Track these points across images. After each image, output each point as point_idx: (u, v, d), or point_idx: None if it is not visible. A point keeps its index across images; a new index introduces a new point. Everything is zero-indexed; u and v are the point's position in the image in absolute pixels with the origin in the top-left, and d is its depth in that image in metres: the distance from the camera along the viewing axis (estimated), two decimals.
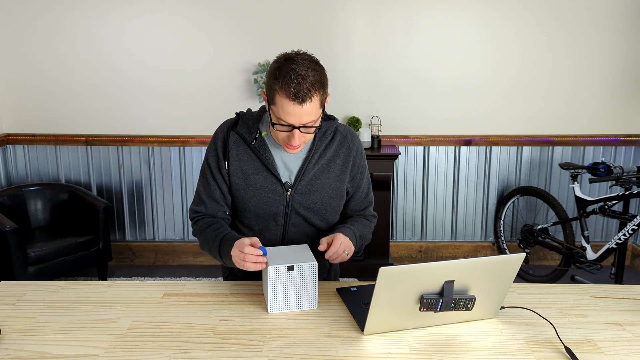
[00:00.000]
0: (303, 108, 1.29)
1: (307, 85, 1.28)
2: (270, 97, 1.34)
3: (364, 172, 1.58)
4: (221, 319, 1.27)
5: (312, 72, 1.30)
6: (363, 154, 1.57)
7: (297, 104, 1.28)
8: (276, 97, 1.31)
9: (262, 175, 1.46)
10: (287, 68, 1.29)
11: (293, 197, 1.48)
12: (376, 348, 1.14)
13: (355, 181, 1.56)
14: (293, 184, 1.48)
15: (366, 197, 1.61)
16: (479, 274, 1.17)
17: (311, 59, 1.34)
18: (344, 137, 1.53)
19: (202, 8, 3.25)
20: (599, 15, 3.24)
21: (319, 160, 1.48)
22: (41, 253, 2.84)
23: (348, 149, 1.52)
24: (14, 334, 1.20)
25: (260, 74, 3.23)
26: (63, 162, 3.48)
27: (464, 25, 3.28)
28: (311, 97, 1.29)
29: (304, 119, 1.31)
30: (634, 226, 2.72)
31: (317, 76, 1.31)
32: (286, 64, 1.30)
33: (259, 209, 1.49)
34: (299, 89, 1.27)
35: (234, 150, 1.48)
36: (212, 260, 3.60)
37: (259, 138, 1.47)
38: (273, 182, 1.47)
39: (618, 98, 3.37)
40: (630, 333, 1.21)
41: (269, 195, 1.47)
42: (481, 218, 3.57)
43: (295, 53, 1.34)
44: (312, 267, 1.29)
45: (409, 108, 3.39)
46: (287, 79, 1.27)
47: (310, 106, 1.30)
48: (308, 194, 1.48)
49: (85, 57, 3.32)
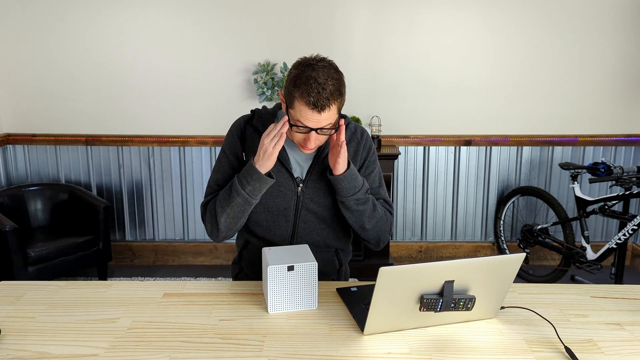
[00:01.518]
0: (322, 115, 1.32)
1: (326, 94, 1.30)
2: (288, 101, 1.36)
3: (374, 168, 1.58)
4: (221, 319, 1.27)
5: (331, 81, 1.31)
6: (373, 150, 1.58)
7: (316, 112, 1.31)
8: (295, 103, 1.33)
9: (275, 168, 1.47)
10: (307, 75, 1.31)
11: (304, 192, 1.50)
12: (376, 348, 1.14)
13: (364, 175, 1.55)
14: (304, 179, 1.50)
15: (377, 192, 1.58)
16: (479, 274, 1.17)
17: (331, 65, 1.35)
18: (353, 134, 1.55)
19: (202, 8, 3.25)
20: (599, 15, 3.24)
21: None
22: (41, 253, 2.84)
23: (357, 144, 1.54)
24: (14, 334, 1.20)
25: (260, 74, 3.23)
26: (63, 162, 3.48)
27: (464, 25, 3.28)
28: (330, 105, 1.31)
29: (322, 124, 1.34)
30: (634, 226, 2.72)
31: (336, 85, 1.33)
32: (306, 71, 1.32)
33: (270, 202, 1.50)
34: (319, 98, 1.29)
35: (250, 141, 1.51)
36: (212, 260, 3.60)
37: None
38: (285, 177, 1.49)
39: (618, 98, 3.37)
40: (630, 333, 1.21)
41: (280, 190, 1.49)
42: (481, 218, 3.57)
43: (315, 59, 1.36)
44: (312, 267, 1.29)
45: (409, 108, 3.39)
46: (307, 87, 1.29)
47: (328, 114, 1.33)
48: (319, 189, 1.50)
49: (85, 57, 3.32)
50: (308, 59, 1.36)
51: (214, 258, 3.61)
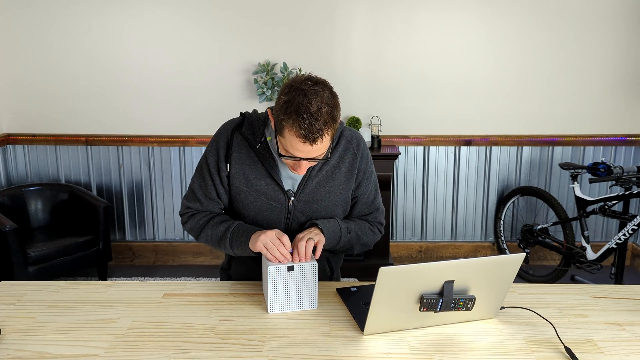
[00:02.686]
0: (313, 147, 1.23)
1: (319, 125, 1.19)
2: (278, 127, 1.25)
3: (370, 177, 1.51)
4: (221, 319, 1.27)
5: (325, 108, 1.21)
6: (369, 159, 1.50)
7: (308, 144, 1.21)
8: (285, 132, 1.23)
9: (265, 181, 1.41)
10: (298, 103, 1.19)
11: (295, 206, 1.43)
12: (376, 348, 1.14)
13: (361, 187, 1.49)
14: (296, 192, 1.42)
15: (373, 202, 1.54)
16: (479, 274, 1.17)
17: (324, 88, 1.24)
18: (349, 142, 1.45)
19: (202, 8, 3.25)
20: (599, 15, 3.24)
21: (323, 168, 1.42)
22: (41, 253, 2.84)
23: (353, 154, 1.45)
24: (14, 334, 1.20)
25: (260, 74, 3.23)
26: (63, 162, 3.48)
27: (464, 25, 3.28)
28: (322, 136, 1.22)
29: (313, 154, 1.26)
30: (634, 226, 2.72)
31: (330, 112, 1.22)
32: (298, 97, 1.20)
33: (258, 216, 1.44)
34: (310, 130, 1.19)
35: (236, 152, 1.42)
36: (212, 260, 3.60)
37: (263, 142, 1.40)
38: (275, 190, 1.42)
39: (618, 98, 3.37)
40: (630, 333, 1.21)
41: (270, 203, 1.42)
42: (481, 218, 3.57)
43: (307, 82, 1.23)
44: (312, 267, 1.29)
45: (409, 108, 3.39)
46: (298, 118, 1.19)
47: (321, 145, 1.23)
48: (311, 202, 1.43)
49: (85, 57, 3.32)
50: (300, 82, 1.23)
51: (214, 258, 3.61)
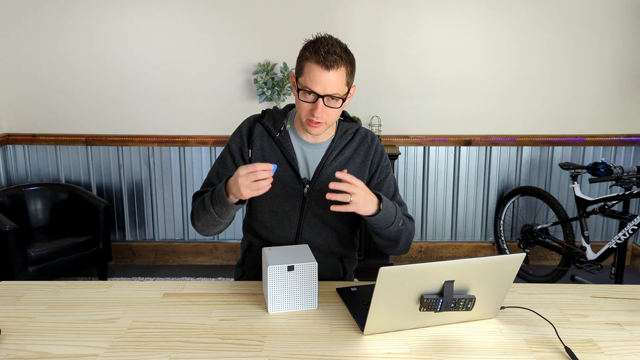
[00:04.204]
0: (329, 74, 1.34)
1: (336, 51, 1.34)
2: (298, 68, 1.39)
3: (387, 172, 1.55)
4: (221, 319, 1.27)
5: (342, 44, 1.38)
6: (384, 155, 1.56)
7: (325, 69, 1.33)
8: (305, 66, 1.36)
9: (282, 167, 1.48)
10: (319, 40, 1.37)
11: (310, 194, 1.49)
12: (376, 348, 1.14)
13: (375, 180, 1.53)
14: (311, 180, 1.49)
15: (393, 198, 1.54)
16: (479, 274, 1.17)
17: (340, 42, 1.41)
18: (363, 138, 1.55)
19: (202, 8, 3.25)
20: (598, 15, 3.24)
21: (338, 157, 1.50)
22: (41, 253, 2.84)
23: (367, 148, 1.54)
24: (14, 334, 1.20)
25: (260, 74, 3.23)
26: (63, 162, 3.48)
27: (464, 25, 3.28)
28: (339, 65, 1.34)
29: (329, 89, 1.35)
30: (634, 226, 2.72)
31: (346, 48, 1.39)
32: (319, 38, 1.38)
33: (274, 202, 1.49)
34: (328, 55, 1.33)
35: (257, 140, 1.51)
36: (212, 260, 3.60)
37: (283, 131, 1.50)
38: (291, 176, 1.48)
39: (618, 98, 3.37)
40: (630, 333, 1.21)
41: (286, 189, 1.48)
42: (481, 218, 3.57)
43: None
44: (312, 267, 1.29)
45: (409, 108, 3.39)
46: (318, 45, 1.34)
47: (336, 75, 1.34)
48: (325, 191, 1.44)
49: (85, 57, 3.32)
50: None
51: (214, 258, 3.61)
